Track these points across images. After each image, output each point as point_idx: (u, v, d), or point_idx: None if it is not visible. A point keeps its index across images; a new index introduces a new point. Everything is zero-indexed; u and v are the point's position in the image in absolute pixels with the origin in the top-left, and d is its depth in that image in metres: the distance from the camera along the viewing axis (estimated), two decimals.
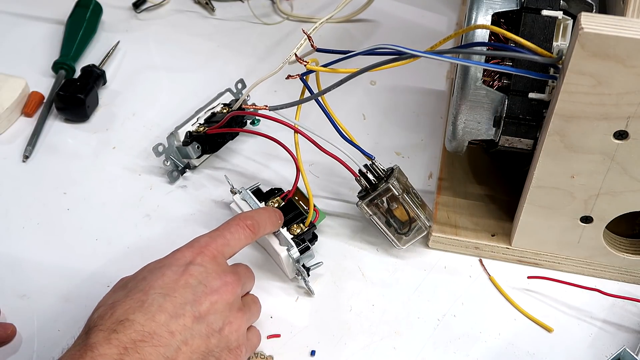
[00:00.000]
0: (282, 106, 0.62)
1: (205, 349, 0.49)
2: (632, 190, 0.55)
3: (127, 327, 0.46)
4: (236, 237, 0.55)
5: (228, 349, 0.51)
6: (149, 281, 0.49)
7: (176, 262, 0.51)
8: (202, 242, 0.53)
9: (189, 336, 0.48)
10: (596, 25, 0.46)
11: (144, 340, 0.46)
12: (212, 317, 0.50)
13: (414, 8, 0.92)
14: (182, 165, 0.70)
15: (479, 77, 0.55)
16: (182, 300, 0.48)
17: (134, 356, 0.45)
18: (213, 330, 0.49)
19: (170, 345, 0.47)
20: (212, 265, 0.51)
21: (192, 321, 0.48)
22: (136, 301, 0.48)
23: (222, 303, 0.51)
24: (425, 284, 0.62)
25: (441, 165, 0.69)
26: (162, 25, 0.90)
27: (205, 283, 0.50)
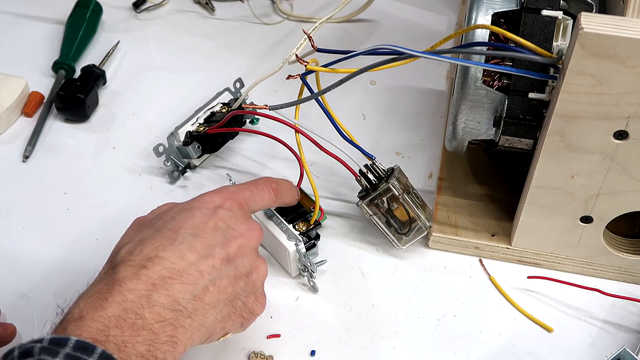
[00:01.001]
0: (282, 106, 0.62)
1: (232, 292, 0.49)
2: (632, 190, 0.55)
3: (157, 263, 0.46)
4: (262, 194, 0.55)
5: (255, 294, 0.51)
6: (178, 221, 0.49)
7: (205, 205, 0.51)
8: (230, 189, 0.53)
9: (217, 277, 0.48)
10: (596, 25, 0.46)
11: (172, 278, 0.46)
12: (240, 261, 0.50)
13: (414, 8, 0.92)
14: (182, 165, 0.70)
15: (479, 77, 0.55)
16: (211, 242, 0.49)
17: (162, 292, 0.45)
18: (241, 274, 0.50)
19: (198, 284, 0.47)
20: (239, 211, 0.52)
21: (221, 262, 0.49)
22: (166, 239, 0.48)
23: (250, 248, 0.51)
24: (425, 284, 0.62)
25: (441, 165, 0.69)
26: (162, 25, 0.90)
27: (234, 227, 0.51)
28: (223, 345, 0.58)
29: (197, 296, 0.47)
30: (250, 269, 0.51)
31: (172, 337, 0.45)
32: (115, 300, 0.44)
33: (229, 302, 0.49)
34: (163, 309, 0.45)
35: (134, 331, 0.43)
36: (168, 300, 0.45)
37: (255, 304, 0.52)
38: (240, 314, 0.51)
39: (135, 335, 0.43)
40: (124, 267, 0.46)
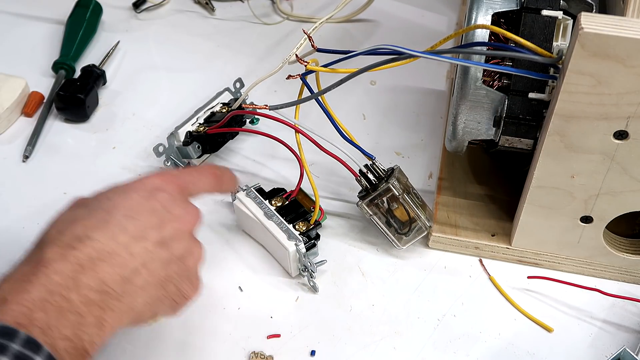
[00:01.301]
0: (282, 105, 0.62)
1: (164, 275, 0.48)
2: (632, 190, 0.55)
3: (86, 244, 0.45)
4: (203, 180, 0.54)
5: (189, 278, 0.50)
6: (113, 201, 0.48)
7: (143, 186, 0.50)
8: (172, 173, 0.53)
9: (149, 260, 0.47)
10: (596, 25, 0.46)
11: (101, 259, 0.44)
12: (174, 244, 0.49)
13: (414, 8, 0.92)
14: (182, 165, 0.70)
15: (479, 77, 0.55)
16: (146, 224, 0.47)
17: (90, 274, 0.44)
18: (175, 258, 0.49)
19: (128, 266, 0.45)
20: (178, 195, 0.51)
21: (154, 245, 0.47)
22: (99, 220, 0.46)
23: (185, 231, 0.50)
24: (425, 284, 0.62)
25: (441, 165, 0.69)
26: (162, 25, 0.90)
27: (171, 210, 0.49)
28: (223, 345, 0.58)
29: (127, 279, 0.45)
30: (185, 253, 0.50)
31: (100, 319, 0.44)
32: (39, 282, 0.42)
33: (161, 286, 0.48)
34: (90, 291, 0.43)
35: (59, 314, 0.42)
36: (96, 282, 0.44)
37: (189, 289, 0.50)
38: (172, 298, 0.49)
39: (61, 318, 0.42)
40: (51, 247, 0.44)
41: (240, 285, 0.62)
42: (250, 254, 0.64)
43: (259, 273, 0.63)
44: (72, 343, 0.42)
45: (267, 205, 0.62)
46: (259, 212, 0.62)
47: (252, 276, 0.63)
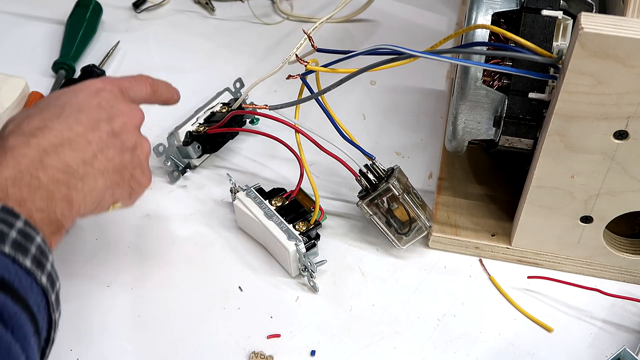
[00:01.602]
0: (282, 105, 0.62)
1: (119, 162, 0.52)
2: (632, 190, 0.55)
3: (46, 132, 0.48)
4: (139, 86, 0.58)
5: (141, 168, 0.55)
6: (63, 100, 0.52)
7: (87, 88, 0.53)
8: (110, 77, 0.56)
9: (104, 147, 0.51)
10: (596, 25, 0.46)
11: (62, 145, 0.48)
12: (125, 136, 0.53)
13: (414, 8, 0.92)
14: (182, 165, 0.70)
15: (479, 77, 0.55)
16: (96, 117, 0.51)
17: (54, 157, 0.47)
18: (127, 148, 0.53)
19: (87, 151, 0.50)
20: (120, 95, 0.55)
21: (107, 135, 0.51)
22: (53, 114, 0.50)
23: (133, 125, 0.54)
24: (425, 284, 0.62)
25: (441, 165, 0.69)
26: (162, 25, 0.90)
27: (117, 107, 0.53)
28: (223, 345, 0.58)
29: (87, 162, 0.49)
30: (135, 144, 0.54)
31: (68, 197, 0.48)
32: (9, 164, 0.46)
33: (117, 171, 0.52)
34: (56, 171, 0.47)
35: (31, 190, 0.46)
36: (60, 163, 0.48)
37: (142, 177, 0.55)
38: (129, 184, 0.54)
39: (33, 194, 0.46)
40: (13, 137, 0.48)
41: (240, 285, 0.62)
42: (250, 254, 0.64)
43: (259, 273, 0.63)
44: (47, 215, 0.46)
45: (267, 205, 0.63)
46: (259, 212, 0.62)
47: (252, 276, 0.63)
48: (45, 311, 0.44)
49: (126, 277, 0.62)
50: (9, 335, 0.40)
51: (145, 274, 0.63)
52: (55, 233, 0.47)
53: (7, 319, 0.40)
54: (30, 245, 0.43)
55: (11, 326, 0.40)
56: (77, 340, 0.58)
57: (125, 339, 0.58)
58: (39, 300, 0.43)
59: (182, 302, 0.61)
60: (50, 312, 0.45)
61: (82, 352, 0.57)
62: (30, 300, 0.42)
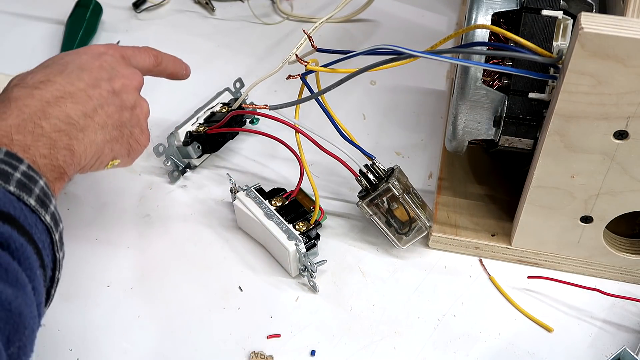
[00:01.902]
0: (282, 105, 0.62)
1: (119, 118, 0.55)
2: (632, 190, 0.55)
3: (49, 85, 0.51)
4: (142, 56, 0.61)
5: (140, 127, 0.58)
6: (66, 59, 0.55)
7: (90, 50, 0.57)
8: (114, 44, 0.60)
9: (104, 103, 0.54)
10: (596, 25, 0.46)
11: (64, 98, 0.51)
12: (124, 95, 0.56)
13: (414, 8, 0.92)
14: (182, 165, 0.70)
15: (479, 77, 0.55)
16: (97, 76, 0.54)
17: (56, 108, 0.50)
18: (126, 106, 0.56)
19: (88, 105, 0.52)
20: (122, 60, 0.58)
21: (108, 93, 0.54)
22: (56, 70, 0.53)
23: (132, 87, 0.57)
24: (425, 284, 0.62)
25: (441, 165, 0.69)
26: (162, 25, 0.90)
27: (117, 69, 0.56)
28: (223, 345, 0.58)
29: (88, 115, 0.52)
30: (135, 104, 0.57)
31: (69, 146, 0.50)
32: (13, 113, 0.48)
33: (117, 127, 0.55)
34: (58, 121, 0.50)
35: (34, 137, 0.48)
36: (62, 114, 0.50)
37: (140, 135, 0.58)
38: (128, 141, 0.56)
39: (36, 141, 0.48)
40: (17, 88, 0.50)
41: (240, 285, 0.62)
42: (250, 254, 0.64)
43: (259, 273, 0.63)
44: (50, 161, 0.48)
45: (267, 205, 0.63)
46: (259, 212, 0.62)
47: (252, 276, 0.63)
48: (50, 249, 0.46)
49: (126, 277, 0.62)
50: (15, 264, 0.41)
51: (145, 274, 0.63)
52: (58, 179, 0.49)
53: (14, 250, 0.42)
54: (34, 186, 0.45)
55: (18, 257, 0.42)
56: (77, 340, 0.58)
57: (125, 339, 0.58)
58: (43, 237, 0.45)
59: (182, 302, 0.61)
60: (54, 251, 0.47)
61: (82, 352, 0.57)
62: (35, 236, 0.44)
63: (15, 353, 0.40)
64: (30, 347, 0.42)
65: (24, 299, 0.41)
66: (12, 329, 0.40)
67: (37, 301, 0.44)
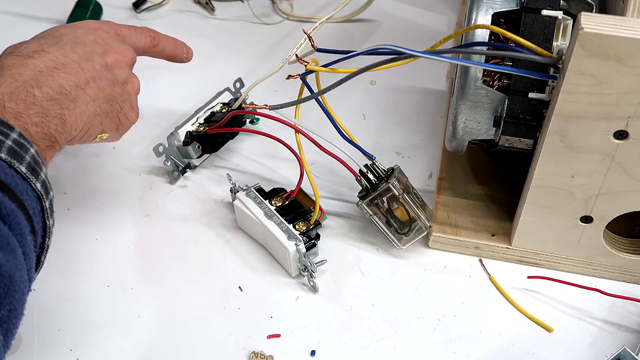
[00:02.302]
0: (282, 105, 0.62)
1: (110, 92, 0.56)
2: (632, 190, 0.55)
3: (43, 55, 0.52)
4: (138, 36, 0.61)
5: (130, 103, 0.58)
6: (61, 32, 0.55)
7: (85, 25, 0.58)
8: (110, 22, 0.60)
9: (97, 76, 0.54)
10: (596, 25, 0.46)
11: (57, 68, 0.52)
12: (117, 70, 0.57)
13: (414, 8, 0.92)
14: (182, 165, 0.70)
15: (479, 77, 0.55)
16: (91, 50, 0.55)
17: (49, 77, 0.51)
18: (117, 81, 0.57)
19: (80, 77, 0.53)
20: (116, 37, 0.59)
21: (100, 67, 0.55)
22: (50, 41, 0.53)
23: (125, 62, 0.58)
24: (425, 284, 0.62)
25: (441, 165, 0.69)
26: (162, 25, 0.89)
27: (111, 44, 0.57)
28: (223, 345, 0.58)
29: (80, 86, 0.53)
30: (126, 80, 0.58)
31: (61, 115, 0.51)
32: (6, 80, 0.49)
33: (107, 101, 0.55)
34: (51, 90, 0.50)
35: (26, 105, 0.49)
36: (54, 84, 0.51)
37: (130, 111, 0.58)
38: (117, 116, 0.57)
39: (28, 109, 0.49)
40: (11, 57, 0.51)
41: (240, 285, 0.62)
42: (250, 254, 0.64)
43: (259, 273, 0.63)
44: (41, 129, 0.49)
45: (267, 205, 0.63)
46: (259, 212, 0.62)
47: (252, 276, 0.63)
48: (40, 216, 0.47)
49: (126, 277, 0.62)
50: (6, 229, 0.43)
51: (145, 274, 0.63)
52: (49, 147, 0.50)
53: (5, 215, 0.42)
54: (25, 154, 0.46)
55: (9, 222, 0.42)
56: (77, 340, 0.58)
57: (125, 339, 0.58)
58: (34, 204, 0.46)
59: (182, 302, 0.61)
60: (45, 218, 0.47)
61: (82, 352, 0.57)
62: (26, 203, 0.45)
63: (5, 316, 0.41)
64: (20, 310, 0.43)
65: (15, 263, 0.42)
66: (2, 291, 0.40)
67: (27, 266, 0.44)
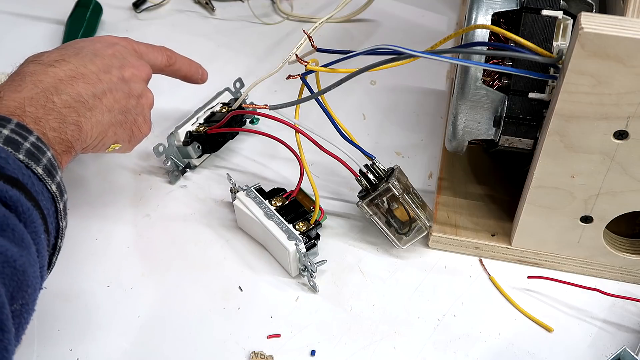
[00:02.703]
0: (282, 105, 0.62)
1: (125, 104, 0.58)
2: (632, 190, 0.55)
3: (63, 65, 0.54)
4: (155, 53, 0.65)
5: (143, 116, 0.61)
6: (81, 45, 0.58)
7: (104, 40, 0.61)
8: (128, 38, 0.63)
9: (113, 88, 0.57)
10: (596, 25, 0.46)
11: (76, 78, 0.54)
12: (133, 84, 0.59)
13: (414, 8, 0.92)
14: (182, 165, 0.70)
15: (479, 77, 0.55)
16: (109, 63, 0.58)
17: (68, 86, 0.53)
18: (133, 94, 0.59)
19: (98, 87, 0.56)
20: (133, 52, 0.62)
21: (117, 79, 0.58)
22: (71, 52, 0.56)
23: (141, 77, 0.61)
24: (425, 284, 0.62)
25: (441, 165, 0.69)
26: (162, 25, 0.90)
27: (128, 59, 0.60)
28: (223, 345, 0.58)
29: (97, 96, 0.55)
30: (141, 94, 0.60)
31: (77, 122, 0.53)
32: (27, 86, 0.51)
33: (122, 112, 0.58)
34: (69, 98, 0.53)
35: (46, 111, 0.51)
36: (73, 92, 0.53)
37: (143, 124, 0.61)
38: (131, 128, 0.59)
39: (47, 115, 0.51)
40: (33, 65, 0.54)
41: (240, 285, 0.62)
42: (250, 254, 0.64)
43: (259, 273, 0.63)
44: (58, 135, 0.51)
45: (267, 205, 0.63)
46: (259, 212, 0.62)
47: (252, 276, 0.63)
48: (54, 217, 0.48)
49: (126, 277, 0.62)
50: (22, 226, 0.44)
51: (145, 274, 0.63)
52: (65, 152, 0.52)
53: (21, 213, 0.44)
54: (42, 157, 0.48)
55: (25, 219, 0.44)
56: (77, 340, 0.58)
57: (125, 339, 0.58)
58: (48, 205, 0.48)
59: (182, 302, 0.61)
60: (58, 219, 0.49)
61: (82, 352, 0.57)
62: (42, 203, 0.46)
63: (18, 310, 0.42)
64: (32, 305, 0.44)
65: (28, 259, 0.43)
66: (16, 285, 0.41)
67: (40, 264, 0.45)
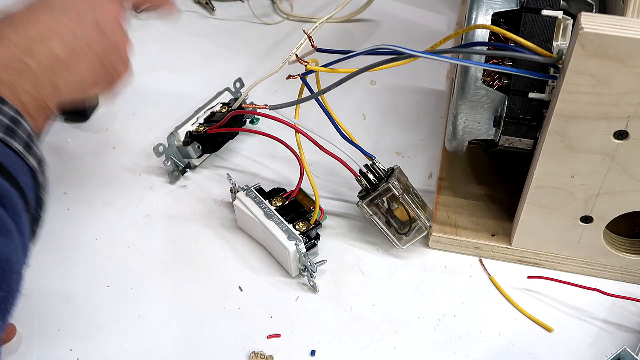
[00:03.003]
0: (282, 105, 0.62)
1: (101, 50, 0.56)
2: (632, 190, 0.55)
3: (34, 22, 0.52)
4: None
5: (121, 58, 0.59)
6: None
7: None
8: None
9: (87, 37, 0.55)
10: (596, 25, 0.46)
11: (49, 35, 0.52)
12: (107, 28, 0.57)
13: (414, 8, 0.92)
14: (182, 165, 0.70)
15: (479, 77, 0.55)
16: (82, 13, 0.55)
17: (41, 46, 0.51)
18: (108, 40, 0.57)
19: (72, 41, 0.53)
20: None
21: (92, 26, 0.55)
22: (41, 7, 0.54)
23: (115, 18, 0.59)
24: (425, 284, 0.62)
25: (441, 165, 0.69)
26: (162, 25, 0.90)
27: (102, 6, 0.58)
28: (223, 345, 0.58)
29: (72, 50, 0.53)
30: (117, 36, 0.58)
31: (54, 82, 0.51)
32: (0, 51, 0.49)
33: (99, 59, 0.56)
34: (44, 58, 0.51)
35: (20, 75, 0.49)
36: (47, 51, 0.51)
37: (121, 66, 0.59)
38: (109, 71, 0.57)
39: (22, 79, 0.49)
40: (2, 26, 0.51)
41: (240, 285, 0.62)
42: (250, 254, 0.64)
43: (259, 273, 0.63)
44: (34, 98, 0.50)
45: (267, 205, 0.63)
46: (259, 212, 0.62)
47: (252, 276, 0.63)
48: (34, 192, 0.48)
49: (126, 277, 0.62)
50: (1, 210, 0.43)
51: (145, 274, 0.63)
52: (42, 114, 0.51)
53: (1, 196, 0.43)
54: (20, 130, 0.47)
55: (4, 203, 0.43)
56: (77, 340, 0.58)
57: (125, 339, 0.58)
58: (28, 180, 0.47)
59: (182, 302, 0.61)
60: (38, 192, 0.49)
61: (82, 352, 0.57)
62: (20, 180, 0.46)
63: (3, 297, 0.42)
64: (17, 288, 0.44)
65: (11, 245, 0.43)
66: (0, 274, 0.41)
67: (23, 243, 0.45)
